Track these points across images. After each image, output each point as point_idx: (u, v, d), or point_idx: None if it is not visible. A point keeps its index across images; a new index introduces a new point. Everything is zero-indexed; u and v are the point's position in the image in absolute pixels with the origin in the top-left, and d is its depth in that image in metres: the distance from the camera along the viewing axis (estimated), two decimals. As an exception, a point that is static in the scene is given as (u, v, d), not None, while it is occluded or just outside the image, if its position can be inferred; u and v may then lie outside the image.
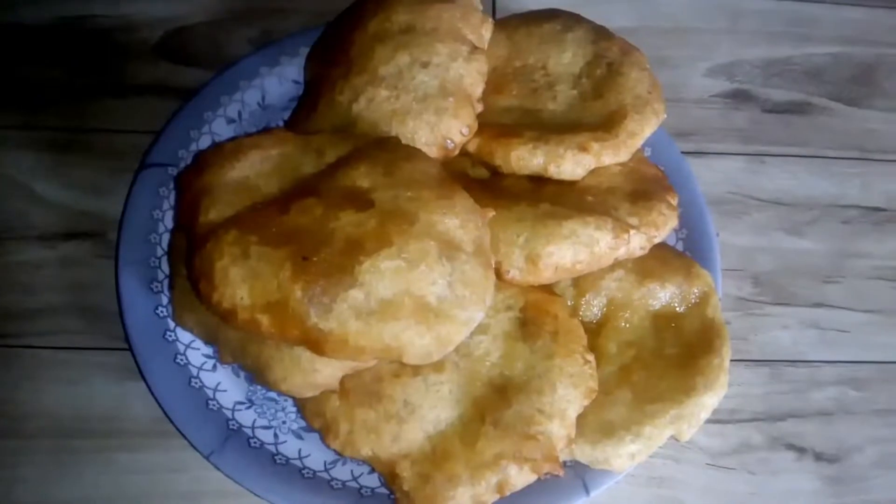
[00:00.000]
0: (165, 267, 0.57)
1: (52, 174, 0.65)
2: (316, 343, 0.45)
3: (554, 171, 0.54)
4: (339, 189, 0.48)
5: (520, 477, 0.49)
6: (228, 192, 0.50)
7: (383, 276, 0.44)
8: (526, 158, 0.54)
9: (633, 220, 0.53)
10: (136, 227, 0.58)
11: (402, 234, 0.45)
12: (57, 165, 0.65)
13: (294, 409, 0.56)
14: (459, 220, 0.47)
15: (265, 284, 0.45)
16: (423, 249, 0.45)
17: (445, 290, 0.45)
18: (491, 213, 0.50)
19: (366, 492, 0.54)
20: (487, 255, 0.48)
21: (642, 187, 0.57)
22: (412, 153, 0.51)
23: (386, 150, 0.51)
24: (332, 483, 0.54)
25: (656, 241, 0.54)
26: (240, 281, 0.45)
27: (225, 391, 0.56)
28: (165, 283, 0.57)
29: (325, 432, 0.52)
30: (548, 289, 0.55)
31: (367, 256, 0.45)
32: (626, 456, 0.53)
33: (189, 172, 0.53)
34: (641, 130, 0.56)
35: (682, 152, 0.65)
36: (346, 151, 0.52)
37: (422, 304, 0.45)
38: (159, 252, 0.58)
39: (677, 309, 0.57)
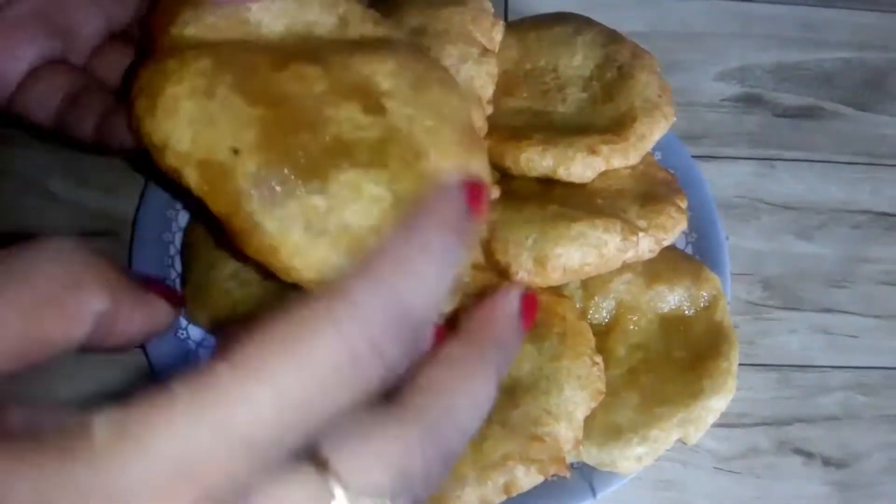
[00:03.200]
0: (178, 266, 0.58)
1: (67, 173, 0.65)
2: (241, 232, 0.36)
3: (563, 174, 0.54)
4: (352, 74, 0.39)
5: (527, 478, 0.49)
6: (220, 14, 0.40)
7: (360, 198, 0.36)
8: (535, 160, 0.55)
9: (642, 223, 0.53)
10: (149, 226, 0.58)
11: (402, 163, 0.37)
12: (71, 164, 0.65)
13: (303, 407, 0.56)
14: None
15: (217, 138, 0.35)
16: (417, 192, 0.38)
17: None
18: (496, 194, 0.49)
19: (373, 491, 0.54)
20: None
21: (652, 190, 0.57)
22: (450, 84, 0.43)
23: (423, 62, 0.43)
24: (340, 482, 0.54)
25: (665, 243, 0.54)
26: (187, 120, 0.36)
27: (235, 389, 0.56)
28: (178, 281, 0.57)
29: (333, 431, 0.52)
30: (556, 290, 0.55)
31: (352, 167, 0.36)
32: (633, 458, 0.53)
33: None
34: (651, 133, 0.56)
35: (693, 156, 0.65)
36: (374, 36, 0.43)
37: None
38: (172, 251, 0.58)
39: (686, 312, 0.57)
